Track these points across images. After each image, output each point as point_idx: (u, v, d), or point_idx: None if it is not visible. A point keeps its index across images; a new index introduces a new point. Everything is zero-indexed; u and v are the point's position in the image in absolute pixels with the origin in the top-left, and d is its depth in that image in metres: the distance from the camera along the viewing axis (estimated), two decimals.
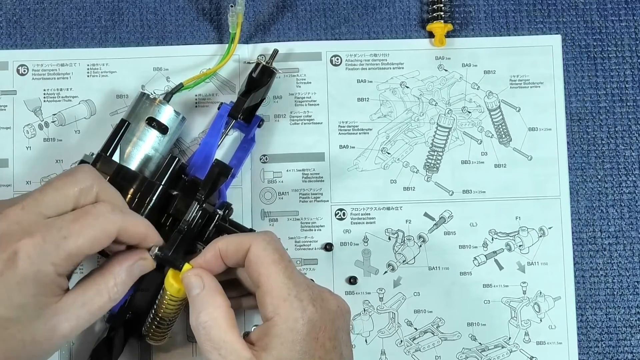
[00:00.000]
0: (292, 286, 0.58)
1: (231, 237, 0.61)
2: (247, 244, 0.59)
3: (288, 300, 0.57)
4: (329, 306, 0.60)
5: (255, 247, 0.59)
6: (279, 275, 0.58)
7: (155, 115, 0.67)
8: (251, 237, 0.60)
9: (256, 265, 0.59)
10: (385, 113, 0.74)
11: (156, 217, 0.65)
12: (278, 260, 0.59)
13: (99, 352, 0.67)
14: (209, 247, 0.61)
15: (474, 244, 0.73)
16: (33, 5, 0.75)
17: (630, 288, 0.74)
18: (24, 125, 0.73)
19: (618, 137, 0.75)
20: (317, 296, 0.59)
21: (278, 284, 0.58)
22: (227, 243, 0.61)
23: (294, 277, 0.59)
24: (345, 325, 0.61)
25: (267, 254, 0.59)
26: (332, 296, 0.61)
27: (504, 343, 0.73)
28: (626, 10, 0.76)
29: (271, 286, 0.58)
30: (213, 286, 0.60)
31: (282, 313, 0.57)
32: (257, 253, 0.59)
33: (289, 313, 0.57)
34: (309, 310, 0.57)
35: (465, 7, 0.76)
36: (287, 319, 0.57)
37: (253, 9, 0.75)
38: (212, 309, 0.58)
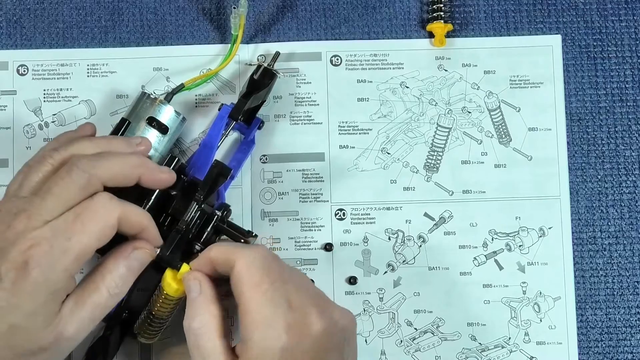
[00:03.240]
0: (269, 312, 0.56)
1: (222, 248, 0.60)
2: (233, 260, 0.58)
3: (261, 328, 0.56)
4: (312, 331, 0.57)
5: (239, 265, 0.58)
6: (257, 300, 0.56)
7: (155, 115, 0.67)
8: (238, 253, 0.58)
9: (237, 284, 0.57)
10: (385, 113, 0.73)
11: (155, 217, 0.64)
12: (258, 283, 0.57)
13: (95, 351, 0.66)
14: (203, 254, 0.61)
15: (474, 244, 0.73)
16: (33, 5, 0.74)
17: (630, 288, 0.73)
18: (24, 125, 0.73)
19: (618, 137, 0.74)
20: (298, 321, 0.57)
21: (254, 309, 0.56)
22: (217, 253, 0.60)
23: (274, 301, 0.57)
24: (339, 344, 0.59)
25: (249, 274, 0.57)
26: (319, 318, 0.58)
27: (504, 343, 0.72)
28: (626, 10, 0.75)
29: (248, 309, 0.57)
30: (209, 293, 0.59)
31: (255, 339, 0.56)
32: (240, 271, 0.57)
33: (260, 340, 0.56)
34: (282, 340, 0.56)
35: (465, 7, 0.75)
36: (259, 345, 0.56)
37: (253, 10, 0.74)
38: (204, 317, 0.58)
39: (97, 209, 0.56)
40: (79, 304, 0.57)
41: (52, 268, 0.55)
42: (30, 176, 0.58)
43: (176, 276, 0.61)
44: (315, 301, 0.59)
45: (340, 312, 0.60)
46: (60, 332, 0.56)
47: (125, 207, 0.58)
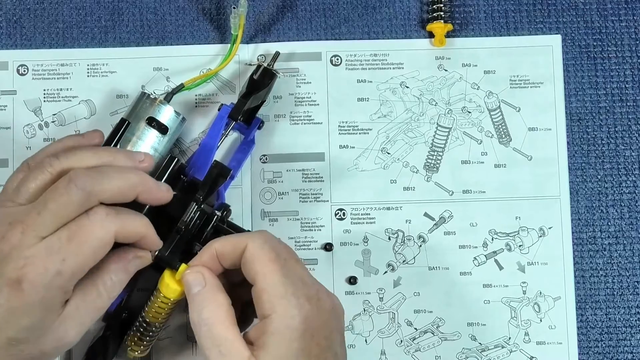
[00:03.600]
0: (289, 284, 0.57)
1: (227, 238, 0.60)
2: (244, 243, 0.58)
3: (285, 298, 0.56)
4: (325, 305, 0.58)
5: (252, 246, 0.58)
6: (275, 274, 0.57)
7: (155, 115, 0.66)
8: (247, 237, 0.59)
9: (252, 263, 0.57)
10: (385, 113, 0.73)
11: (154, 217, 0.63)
12: (274, 259, 0.57)
13: (95, 351, 0.66)
14: (205, 249, 0.60)
15: (474, 244, 0.72)
16: (33, 5, 0.74)
17: (630, 288, 0.73)
18: (24, 125, 0.72)
19: (618, 137, 0.74)
20: (314, 295, 0.58)
21: (274, 282, 0.57)
22: (223, 244, 0.59)
23: (291, 275, 0.57)
24: (339, 326, 0.60)
25: (263, 253, 0.57)
26: (328, 296, 0.59)
27: (504, 343, 0.72)
28: (626, 10, 0.75)
29: (267, 284, 0.57)
30: (215, 283, 0.59)
31: (278, 310, 0.56)
32: (253, 252, 0.58)
33: (285, 310, 0.56)
34: (305, 308, 0.56)
35: (465, 7, 0.75)
36: (284, 317, 0.56)
37: (253, 10, 0.74)
38: (214, 306, 0.57)
39: (93, 229, 0.55)
40: (80, 308, 0.57)
41: (47, 287, 0.54)
42: (28, 182, 0.58)
43: (175, 277, 0.61)
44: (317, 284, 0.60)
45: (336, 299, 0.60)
46: (62, 337, 0.57)
47: (122, 221, 0.57)
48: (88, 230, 0.55)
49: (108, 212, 0.56)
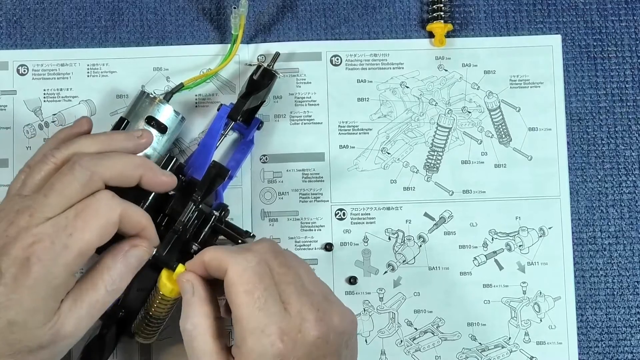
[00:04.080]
0: (262, 319, 0.55)
1: (216, 252, 0.58)
2: (225, 267, 0.57)
3: (254, 335, 0.55)
4: (307, 338, 0.56)
5: (231, 272, 0.56)
6: (249, 307, 0.55)
7: (154, 115, 0.66)
8: (231, 259, 0.57)
9: (229, 291, 0.56)
10: (385, 113, 0.73)
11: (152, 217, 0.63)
12: (251, 290, 0.56)
13: (91, 350, 0.66)
14: (197, 257, 0.60)
15: (474, 244, 0.72)
16: (33, 5, 0.74)
17: (630, 288, 0.72)
18: (24, 125, 0.72)
19: (618, 137, 0.73)
20: (294, 327, 0.56)
21: (246, 316, 0.55)
22: (211, 258, 0.58)
23: (267, 308, 0.55)
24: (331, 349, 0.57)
25: (241, 282, 0.56)
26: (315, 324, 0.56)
27: (504, 343, 0.71)
28: (626, 10, 0.74)
29: (240, 316, 0.56)
30: (202, 295, 0.58)
31: (247, 346, 0.55)
32: (232, 280, 0.56)
33: (253, 347, 0.55)
34: (275, 347, 0.55)
35: (465, 7, 0.74)
36: (251, 351, 0.55)
37: (253, 9, 0.74)
38: (198, 318, 0.58)
39: (99, 207, 0.56)
40: (77, 301, 0.57)
41: (54, 263, 0.54)
42: (32, 175, 0.58)
43: (172, 277, 0.61)
44: (316, 305, 0.57)
45: (340, 315, 0.58)
46: (59, 330, 0.56)
47: (126, 205, 0.58)
48: (94, 207, 0.56)
49: (114, 195, 0.57)
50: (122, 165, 0.58)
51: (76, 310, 0.57)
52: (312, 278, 0.60)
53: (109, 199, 0.57)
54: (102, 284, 0.58)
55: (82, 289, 0.58)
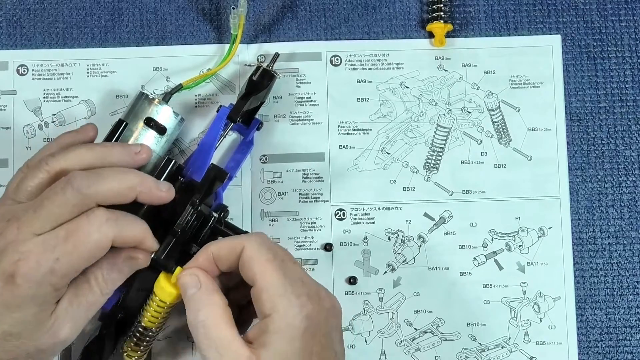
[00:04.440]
0: (289, 283, 0.56)
1: (223, 241, 0.59)
2: (240, 245, 0.58)
3: (285, 297, 0.56)
4: (325, 304, 0.58)
5: (249, 247, 0.57)
6: (274, 273, 0.56)
7: (153, 116, 0.66)
8: (244, 238, 0.58)
9: (250, 264, 0.57)
10: (385, 113, 0.73)
11: (151, 219, 0.63)
12: (272, 259, 0.57)
13: (90, 351, 0.66)
14: (201, 252, 0.60)
15: (473, 244, 0.72)
16: (33, 5, 0.74)
17: (630, 288, 0.72)
18: (24, 125, 0.72)
19: (618, 137, 0.73)
20: (314, 294, 0.57)
21: (274, 281, 0.56)
22: (219, 246, 0.59)
23: (290, 275, 0.57)
24: (338, 324, 0.59)
25: (261, 253, 0.57)
26: (327, 294, 0.59)
27: (504, 343, 0.71)
28: (626, 10, 0.74)
29: (267, 283, 0.56)
30: (210, 285, 0.58)
31: (280, 309, 0.55)
32: (251, 253, 0.57)
33: (287, 309, 0.55)
34: (307, 307, 0.56)
35: (465, 7, 0.74)
36: (285, 315, 0.55)
37: (253, 10, 0.73)
38: (210, 308, 0.57)
39: (91, 232, 0.55)
40: (73, 304, 0.57)
41: (39, 284, 0.54)
42: (27, 181, 0.58)
43: (170, 280, 0.60)
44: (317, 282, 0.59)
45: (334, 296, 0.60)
46: (56, 333, 0.56)
47: (120, 227, 0.57)
48: (85, 232, 0.55)
49: (108, 217, 0.56)
50: (116, 187, 0.57)
51: (73, 313, 0.57)
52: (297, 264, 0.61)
53: (103, 222, 0.55)
54: (97, 288, 0.58)
55: (78, 293, 0.58)
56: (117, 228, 0.56)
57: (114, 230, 0.56)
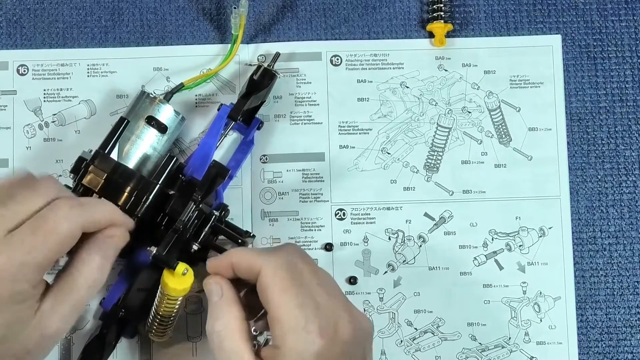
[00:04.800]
0: (301, 317, 0.55)
1: (245, 254, 0.58)
2: (258, 268, 0.57)
3: (295, 333, 0.55)
4: (342, 336, 0.56)
5: (265, 273, 0.56)
6: (286, 305, 0.55)
7: (154, 114, 0.66)
8: (263, 259, 0.57)
9: (265, 292, 0.56)
10: (385, 113, 0.73)
11: (152, 216, 0.63)
12: (287, 288, 0.56)
13: (91, 349, 0.66)
14: (225, 256, 0.59)
15: (474, 244, 0.72)
16: (33, 5, 0.73)
17: (630, 288, 0.72)
18: (24, 125, 0.72)
19: (618, 137, 0.73)
20: (331, 326, 0.55)
21: (285, 315, 0.55)
22: (240, 259, 0.58)
23: (306, 305, 0.55)
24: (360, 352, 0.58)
25: (276, 281, 0.56)
26: (350, 322, 0.56)
27: (504, 343, 0.71)
28: (626, 10, 0.74)
29: (279, 315, 0.55)
30: (230, 296, 0.58)
31: (288, 345, 0.55)
32: (266, 280, 0.56)
33: (295, 346, 0.54)
34: (317, 344, 0.54)
35: (465, 7, 0.74)
36: (292, 352, 0.54)
37: (253, 10, 0.73)
38: (226, 319, 0.57)
39: (57, 220, 0.54)
40: (58, 300, 0.56)
41: (13, 280, 0.53)
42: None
43: (173, 276, 0.60)
44: (344, 306, 0.57)
45: (363, 317, 0.59)
46: (43, 331, 0.55)
47: (87, 212, 0.56)
48: (52, 221, 0.54)
49: (71, 204, 0.55)
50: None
51: (59, 310, 0.56)
52: (333, 282, 0.60)
53: (68, 211, 0.55)
54: (82, 280, 0.57)
55: (62, 287, 0.56)
56: (83, 213, 0.55)
57: (81, 215, 0.55)
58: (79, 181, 0.63)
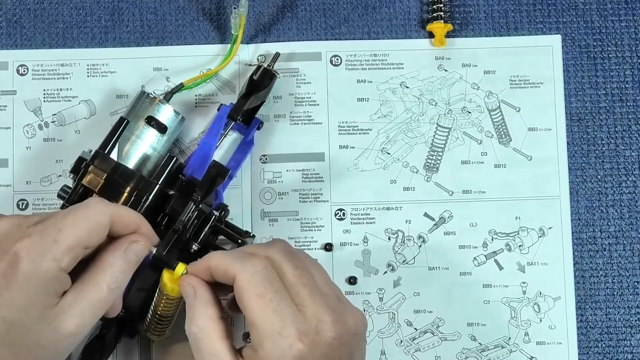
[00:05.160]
0: (277, 322, 0.55)
1: (222, 259, 0.58)
2: (233, 273, 0.56)
3: (272, 338, 0.54)
4: (324, 339, 0.55)
5: (240, 278, 0.56)
6: (263, 310, 0.55)
7: (154, 114, 0.66)
8: (239, 265, 0.56)
9: (240, 297, 0.56)
10: (385, 113, 0.72)
11: (152, 217, 0.63)
12: (263, 293, 0.55)
13: (91, 349, 0.66)
14: (202, 262, 0.59)
15: (473, 244, 0.72)
16: (33, 5, 0.73)
17: (630, 288, 0.72)
18: (24, 125, 0.72)
19: (618, 137, 0.73)
20: (310, 329, 0.55)
21: (260, 319, 0.55)
22: (217, 263, 0.58)
23: (280, 310, 0.55)
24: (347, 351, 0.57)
25: (251, 286, 0.55)
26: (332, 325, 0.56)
27: (504, 343, 0.71)
28: (626, 10, 0.74)
29: (254, 320, 0.55)
30: (205, 297, 0.58)
31: (266, 349, 0.55)
32: (242, 285, 0.56)
33: (272, 350, 0.54)
34: (295, 347, 0.54)
35: (465, 7, 0.74)
36: (270, 354, 0.54)
37: (253, 10, 0.73)
38: (202, 320, 0.57)
39: (89, 208, 0.56)
40: (78, 299, 0.56)
41: (42, 257, 0.53)
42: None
43: (172, 276, 0.60)
44: (331, 306, 0.57)
45: (353, 315, 0.58)
46: (59, 328, 0.55)
47: (117, 209, 0.58)
48: (85, 207, 0.56)
49: (102, 199, 0.58)
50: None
51: (77, 308, 0.55)
52: (324, 278, 0.60)
53: (99, 202, 0.57)
54: (103, 282, 0.57)
55: (83, 287, 0.56)
56: (113, 207, 0.57)
57: (110, 209, 0.57)
58: (78, 181, 0.63)
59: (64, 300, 0.55)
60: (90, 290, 0.56)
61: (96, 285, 0.57)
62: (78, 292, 0.56)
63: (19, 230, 0.55)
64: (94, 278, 0.57)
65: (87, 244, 0.56)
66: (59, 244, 0.54)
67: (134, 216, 0.59)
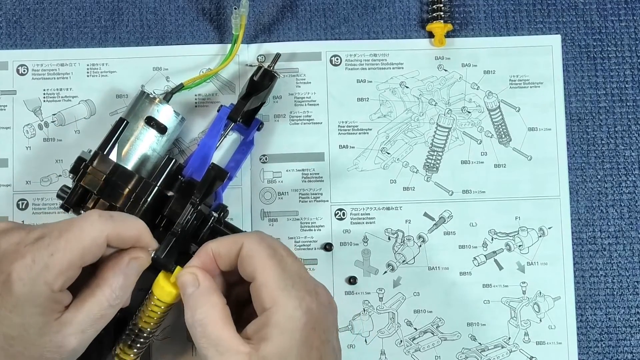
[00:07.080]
0: (288, 278, 0.56)
1: (223, 238, 0.59)
2: (240, 242, 0.58)
3: (285, 290, 0.55)
4: (323, 300, 0.58)
5: (248, 244, 0.57)
6: (274, 268, 0.56)
7: (154, 115, 0.65)
8: (243, 236, 0.59)
9: (250, 259, 0.57)
10: (385, 113, 0.72)
11: (150, 218, 0.63)
12: (271, 255, 0.57)
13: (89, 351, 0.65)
14: (201, 250, 0.59)
15: (473, 244, 0.71)
16: (33, 5, 0.73)
17: (630, 288, 0.71)
18: (23, 125, 0.71)
19: (618, 137, 0.72)
20: (312, 289, 0.57)
21: (274, 276, 0.56)
22: (219, 244, 0.59)
23: (288, 270, 0.57)
24: (335, 321, 0.60)
25: (260, 249, 0.57)
26: (324, 291, 0.59)
27: (504, 343, 0.71)
28: (626, 10, 0.74)
29: (267, 278, 0.56)
30: (208, 284, 0.58)
31: (280, 302, 0.55)
32: (250, 249, 0.57)
33: (287, 302, 0.55)
34: (306, 300, 0.56)
35: (465, 7, 0.74)
36: (285, 308, 0.55)
37: (253, 10, 0.73)
38: (207, 307, 0.57)
39: (84, 227, 0.55)
40: (79, 315, 0.56)
41: (34, 282, 0.54)
42: None
43: (170, 280, 0.60)
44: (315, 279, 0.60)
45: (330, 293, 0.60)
46: (61, 343, 0.55)
47: (115, 224, 0.57)
48: (78, 228, 0.55)
49: (100, 214, 0.56)
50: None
51: (78, 325, 0.56)
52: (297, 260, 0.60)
53: (96, 219, 0.56)
54: (104, 298, 0.57)
55: (84, 304, 0.57)
56: (111, 224, 0.56)
57: (107, 226, 0.56)
58: (77, 182, 0.63)
59: (65, 316, 0.56)
60: (92, 308, 0.57)
61: (97, 302, 0.57)
62: (78, 308, 0.56)
63: (17, 249, 0.54)
64: (95, 295, 0.57)
65: (82, 264, 0.56)
66: (50, 269, 0.54)
67: (134, 229, 0.58)
